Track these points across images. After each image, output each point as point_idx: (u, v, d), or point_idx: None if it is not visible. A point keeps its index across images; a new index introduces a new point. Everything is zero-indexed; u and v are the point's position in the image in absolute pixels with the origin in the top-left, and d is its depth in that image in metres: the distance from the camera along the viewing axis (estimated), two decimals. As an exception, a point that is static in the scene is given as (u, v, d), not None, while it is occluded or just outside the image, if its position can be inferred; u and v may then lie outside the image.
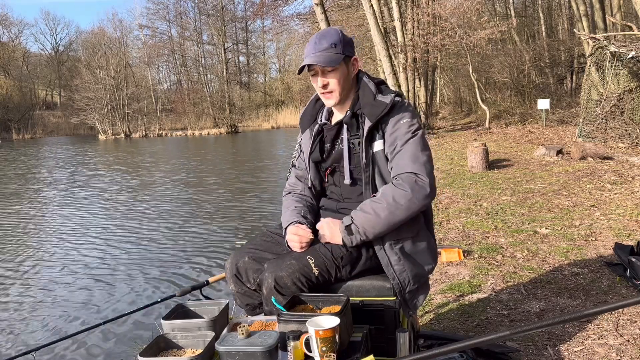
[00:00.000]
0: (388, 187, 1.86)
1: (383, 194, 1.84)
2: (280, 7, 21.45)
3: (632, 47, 10.42)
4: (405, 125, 1.91)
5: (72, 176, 16.28)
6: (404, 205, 1.80)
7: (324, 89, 1.96)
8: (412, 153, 1.87)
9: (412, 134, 1.90)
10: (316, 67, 1.93)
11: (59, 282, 5.79)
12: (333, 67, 1.92)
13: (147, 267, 6.18)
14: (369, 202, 1.85)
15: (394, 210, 1.80)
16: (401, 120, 1.92)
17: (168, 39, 50.16)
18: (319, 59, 1.90)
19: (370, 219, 1.81)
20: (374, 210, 1.81)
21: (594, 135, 11.10)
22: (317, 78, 1.96)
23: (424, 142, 1.91)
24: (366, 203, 1.86)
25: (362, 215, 1.83)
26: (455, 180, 8.16)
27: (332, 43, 1.91)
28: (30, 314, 4.89)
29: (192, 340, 1.66)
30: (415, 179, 1.83)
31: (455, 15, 17.71)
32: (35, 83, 54.60)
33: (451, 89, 29.40)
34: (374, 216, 1.80)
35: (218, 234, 7.62)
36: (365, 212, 1.82)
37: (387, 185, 1.88)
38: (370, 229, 1.81)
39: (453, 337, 2.69)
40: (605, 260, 3.79)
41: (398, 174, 1.87)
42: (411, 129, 1.90)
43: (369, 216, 1.81)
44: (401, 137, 1.90)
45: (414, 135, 1.90)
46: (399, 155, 1.89)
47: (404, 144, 1.89)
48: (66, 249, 7.20)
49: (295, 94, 46.28)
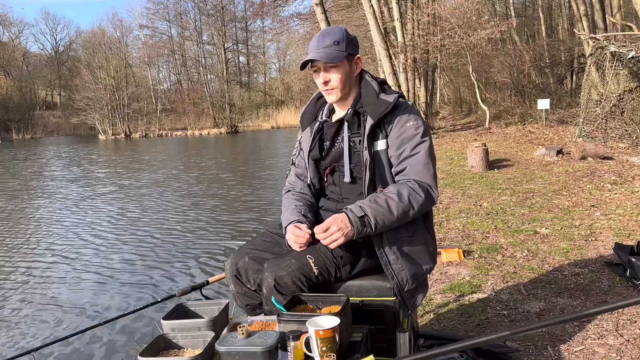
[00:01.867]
0: (403, 186, 1.85)
1: (398, 192, 1.82)
2: (280, 7, 21.46)
3: (632, 47, 10.42)
4: (412, 128, 1.91)
5: (71, 176, 16.28)
6: (416, 209, 1.83)
7: (325, 85, 1.96)
8: (425, 163, 1.90)
9: (421, 138, 1.91)
10: (318, 63, 1.93)
11: (58, 282, 5.79)
12: (335, 64, 1.92)
13: (147, 267, 6.17)
14: (382, 195, 1.82)
15: (407, 211, 1.81)
16: (407, 122, 1.92)
17: (168, 39, 50.21)
18: (321, 55, 1.90)
19: (384, 213, 1.78)
20: (388, 205, 1.79)
21: (594, 135, 11.10)
22: (319, 74, 1.96)
23: (432, 149, 1.95)
24: (379, 196, 1.82)
25: (376, 207, 1.79)
26: (455, 180, 8.16)
27: (335, 40, 1.92)
28: (30, 314, 4.89)
29: (192, 340, 1.66)
30: (428, 189, 1.87)
31: (455, 15, 17.71)
32: (35, 83, 54.56)
33: (451, 89, 29.40)
34: (387, 211, 1.79)
35: (218, 234, 7.62)
36: (379, 205, 1.79)
37: (402, 184, 1.86)
38: (381, 222, 1.79)
39: (453, 337, 2.69)
40: (605, 260, 3.79)
41: (413, 179, 1.88)
42: (419, 132, 1.92)
43: (382, 210, 1.78)
44: (409, 140, 1.90)
45: (423, 141, 1.91)
46: (411, 160, 1.89)
47: (414, 148, 1.89)
48: (66, 249, 7.20)
49: (295, 94, 46.27)
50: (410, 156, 1.89)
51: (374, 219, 1.78)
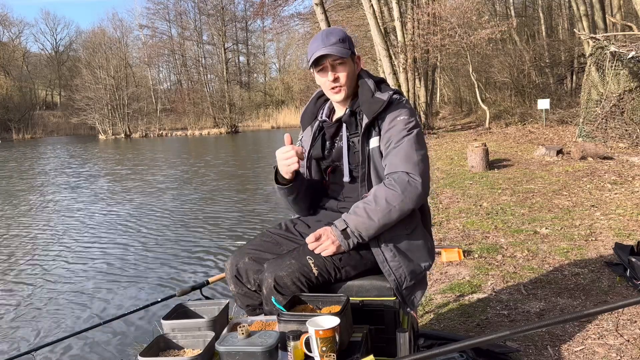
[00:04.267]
0: (379, 188, 1.85)
1: (375, 196, 1.83)
2: (280, 7, 21.44)
3: (632, 47, 10.42)
4: (402, 122, 1.90)
5: (71, 177, 16.28)
6: (397, 206, 1.80)
7: (335, 82, 1.96)
8: (406, 152, 1.86)
9: (407, 131, 1.89)
10: (326, 61, 1.94)
11: (58, 282, 5.79)
12: (344, 60, 1.94)
13: (147, 267, 6.18)
14: (361, 204, 1.83)
15: (387, 212, 1.80)
16: (398, 117, 1.92)
17: (168, 39, 50.22)
18: (334, 50, 1.91)
19: (364, 222, 1.80)
20: (367, 213, 1.80)
21: (594, 135, 11.10)
22: (326, 73, 1.96)
23: (419, 141, 1.90)
24: (358, 205, 1.84)
25: (355, 218, 1.81)
26: (455, 180, 8.16)
27: (340, 38, 1.94)
28: (30, 314, 4.89)
29: (192, 340, 1.66)
30: (407, 178, 1.83)
31: (455, 15, 17.71)
32: (35, 83, 54.56)
33: (451, 89, 29.42)
34: (367, 219, 1.80)
35: (218, 235, 7.62)
36: (358, 215, 1.81)
37: (379, 185, 1.87)
38: (364, 231, 1.81)
39: (453, 337, 2.69)
40: (605, 260, 3.79)
41: (390, 173, 1.87)
42: (407, 127, 1.90)
43: (362, 219, 1.80)
44: (396, 134, 1.89)
45: (409, 133, 1.89)
46: (392, 153, 1.88)
47: (398, 141, 1.88)
48: (66, 249, 7.20)
49: (295, 94, 46.31)
50: (394, 149, 1.88)
51: (356, 229, 1.80)
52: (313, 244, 1.82)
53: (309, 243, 1.83)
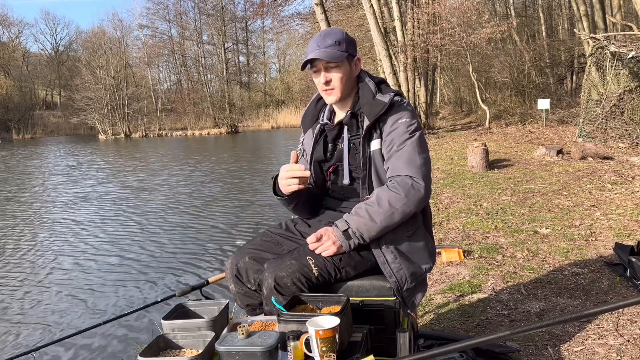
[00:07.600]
0: (382, 190, 1.84)
1: (377, 198, 1.82)
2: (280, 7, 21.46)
3: (632, 47, 10.42)
4: (404, 125, 1.90)
5: (71, 176, 16.28)
6: (399, 209, 1.80)
7: (326, 85, 1.95)
8: (409, 155, 1.86)
9: (409, 134, 1.89)
10: (319, 63, 1.93)
11: (58, 282, 5.79)
12: (336, 63, 1.92)
13: (147, 267, 6.18)
14: (363, 205, 1.83)
15: (390, 214, 1.80)
16: (399, 119, 1.91)
17: (168, 39, 50.17)
18: (323, 54, 1.90)
19: (366, 223, 1.80)
20: (369, 215, 1.80)
21: (594, 135, 11.09)
22: (319, 74, 1.95)
23: (421, 144, 1.90)
24: (361, 207, 1.83)
25: (357, 219, 1.81)
26: (455, 180, 8.16)
27: (336, 41, 1.92)
28: (30, 314, 4.90)
29: (192, 340, 1.66)
30: (411, 182, 1.82)
31: (455, 14, 17.71)
32: (35, 83, 54.53)
33: (451, 89, 29.40)
34: (369, 220, 1.79)
35: (218, 234, 7.62)
36: (360, 216, 1.81)
37: (382, 188, 1.86)
38: (366, 232, 1.81)
39: (453, 337, 2.69)
40: (605, 260, 3.79)
41: (393, 176, 1.86)
42: (409, 129, 1.89)
43: (364, 220, 1.80)
44: (399, 137, 1.89)
45: (411, 136, 1.89)
46: (395, 156, 1.88)
47: (401, 144, 1.88)
48: (65, 250, 7.20)
49: (295, 94, 46.28)
50: (397, 152, 1.88)
51: (358, 230, 1.80)
52: (314, 244, 1.82)
53: (309, 243, 1.83)
